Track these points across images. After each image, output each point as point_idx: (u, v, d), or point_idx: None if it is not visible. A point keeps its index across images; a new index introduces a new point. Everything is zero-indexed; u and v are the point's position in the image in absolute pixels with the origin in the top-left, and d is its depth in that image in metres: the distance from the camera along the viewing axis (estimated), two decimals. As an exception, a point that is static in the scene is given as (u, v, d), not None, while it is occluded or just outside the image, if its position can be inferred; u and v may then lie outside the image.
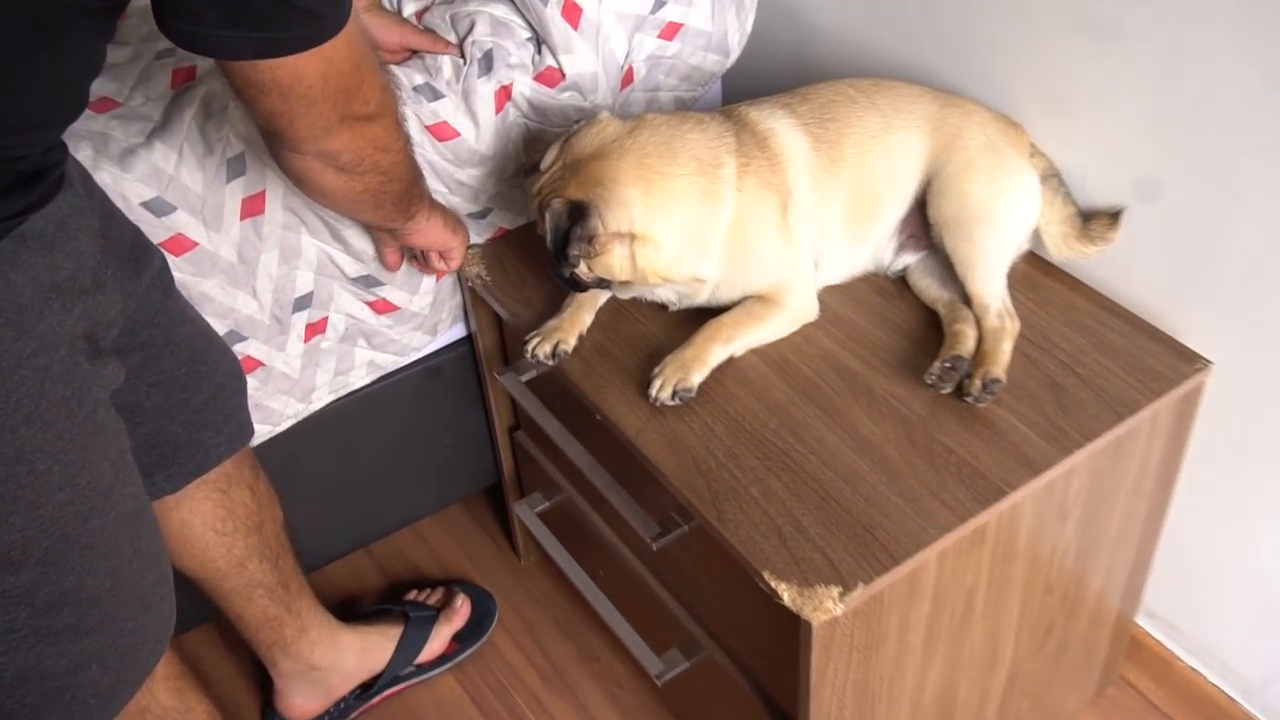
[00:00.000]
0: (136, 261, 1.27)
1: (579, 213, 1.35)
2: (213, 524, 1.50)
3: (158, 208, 1.41)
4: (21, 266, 1.00)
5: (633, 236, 1.36)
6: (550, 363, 1.46)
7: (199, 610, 1.62)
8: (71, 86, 1.05)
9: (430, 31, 1.61)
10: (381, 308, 1.64)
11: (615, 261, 1.37)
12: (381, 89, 1.17)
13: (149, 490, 1.35)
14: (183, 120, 1.45)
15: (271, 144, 1.18)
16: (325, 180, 1.21)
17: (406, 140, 1.31)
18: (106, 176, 1.35)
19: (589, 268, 1.38)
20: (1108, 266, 1.51)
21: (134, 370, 1.26)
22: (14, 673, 1.09)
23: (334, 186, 1.24)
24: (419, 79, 1.56)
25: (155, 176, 1.42)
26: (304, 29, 1.01)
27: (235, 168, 1.45)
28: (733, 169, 1.41)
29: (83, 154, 1.35)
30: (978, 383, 1.36)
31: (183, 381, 1.36)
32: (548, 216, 1.37)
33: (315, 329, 1.60)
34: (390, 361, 1.73)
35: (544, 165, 1.43)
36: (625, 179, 1.37)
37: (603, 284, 1.43)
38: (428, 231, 1.47)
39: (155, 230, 1.40)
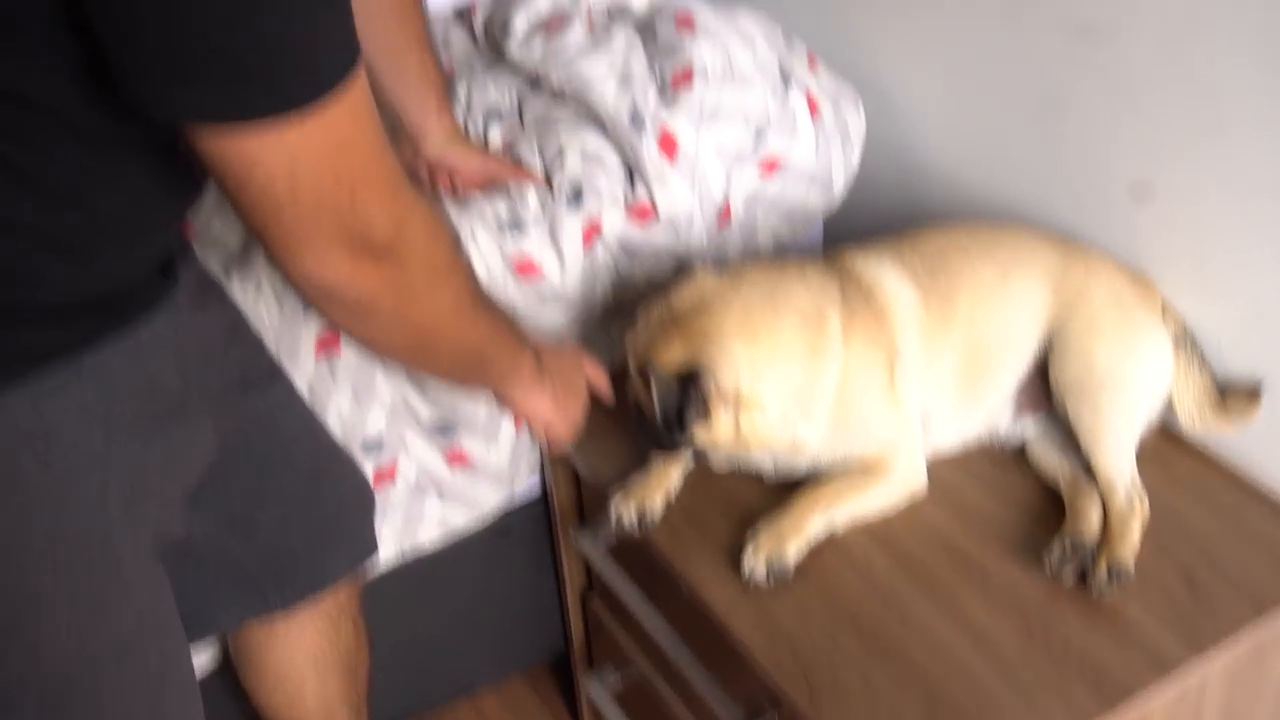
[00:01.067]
0: (248, 386, 1.29)
1: (691, 379, 1.34)
2: (314, 656, 1.50)
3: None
4: (64, 395, 1.00)
5: (737, 399, 1.33)
6: (634, 529, 1.43)
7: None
8: (136, 211, 1.04)
9: (515, 162, 1.65)
10: (455, 457, 1.62)
11: (719, 428, 1.36)
12: (397, 220, 1.04)
13: (260, 607, 1.41)
14: (259, 256, 1.48)
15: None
16: (332, 315, 1.11)
17: (465, 296, 1.20)
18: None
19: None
20: (1248, 442, 1.47)
21: (246, 487, 1.29)
22: None
23: (343, 326, 1.16)
24: (502, 208, 1.58)
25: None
26: (236, 89, 0.90)
27: (310, 309, 1.44)
28: (837, 323, 1.39)
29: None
30: (1103, 570, 1.31)
31: (303, 497, 1.38)
32: (654, 384, 1.35)
33: (384, 475, 1.59)
34: (461, 520, 1.71)
35: (639, 319, 1.43)
36: (731, 332, 1.36)
37: (697, 452, 1.42)
38: (523, 403, 1.40)
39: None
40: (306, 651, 1.49)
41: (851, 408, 1.40)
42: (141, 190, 1.04)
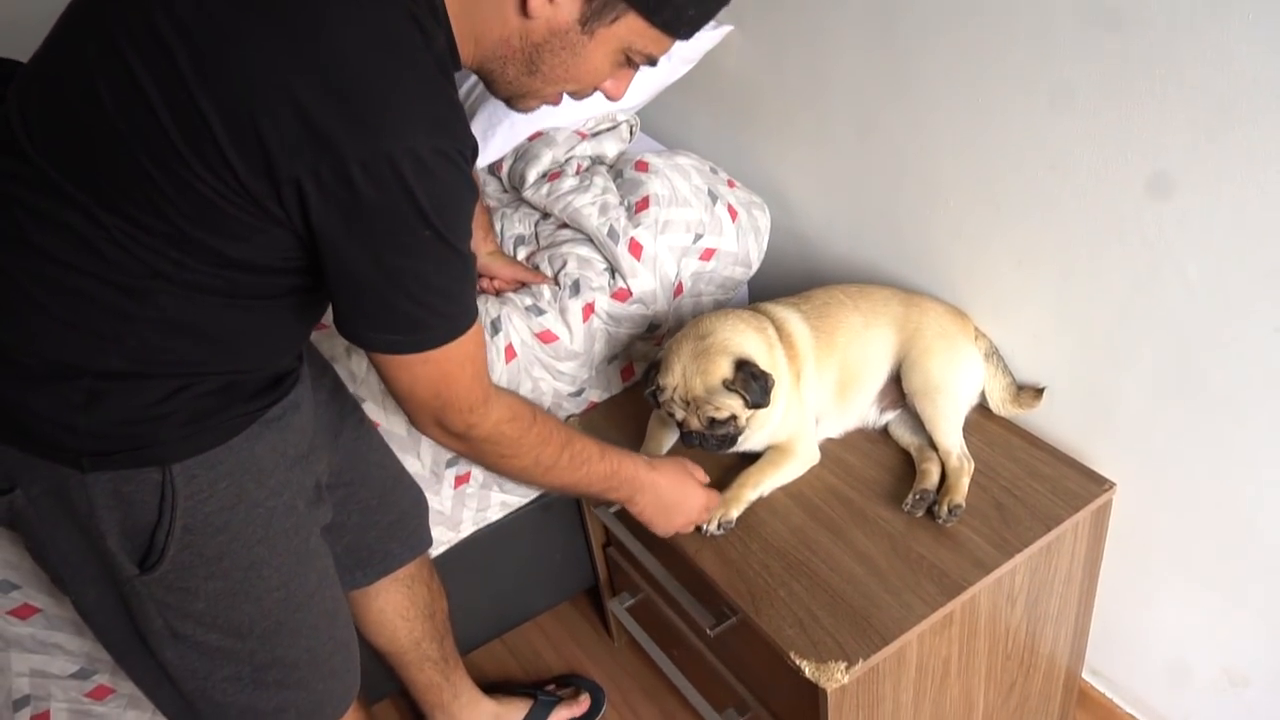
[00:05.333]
0: (339, 425, 1.31)
1: (743, 365, 1.35)
2: (400, 610, 1.51)
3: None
4: (263, 442, 1.06)
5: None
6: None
7: (386, 684, 1.64)
8: (305, 330, 1.12)
9: (535, 268, 1.67)
10: None
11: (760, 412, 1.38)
12: (468, 424, 1.06)
13: (350, 583, 1.39)
14: None
15: None
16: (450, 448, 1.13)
17: (544, 459, 1.16)
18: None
19: (747, 421, 1.38)
20: (1036, 414, 1.54)
21: (340, 501, 1.30)
22: (238, 708, 1.14)
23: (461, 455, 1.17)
24: (528, 301, 1.62)
25: (351, 378, 1.51)
26: (405, 335, 0.97)
27: None
28: (779, 348, 1.44)
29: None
30: (944, 508, 1.38)
31: (375, 506, 1.39)
32: (739, 380, 1.35)
33: (462, 480, 1.65)
34: (516, 501, 1.76)
35: (666, 380, 1.41)
36: (743, 341, 1.39)
37: (727, 440, 1.41)
38: (629, 508, 1.35)
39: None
40: (394, 607, 1.50)
41: (779, 405, 1.43)
42: (311, 321, 1.11)
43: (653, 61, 1.02)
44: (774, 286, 1.85)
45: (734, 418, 1.39)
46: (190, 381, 0.99)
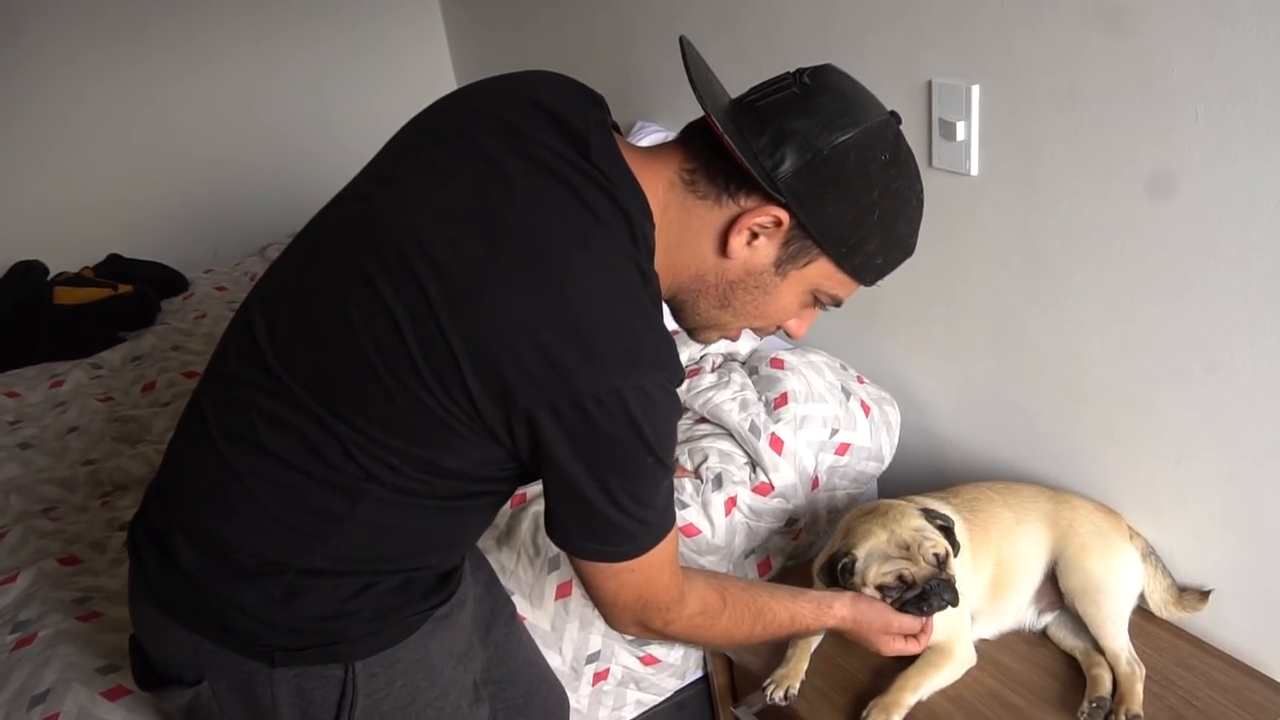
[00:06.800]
0: (491, 621, 1.30)
1: (928, 512, 1.38)
2: None
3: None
4: (436, 640, 1.07)
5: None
6: (785, 703, 1.43)
7: None
8: (483, 530, 1.14)
9: (678, 465, 1.67)
10: (648, 660, 1.66)
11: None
12: (666, 621, 1.06)
13: None
14: (519, 531, 1.56)
15: None
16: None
17: (736, 631, 1.15)
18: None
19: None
20: (1202, 617, 1.48)
21: (488, 697, 1.26)
22: None
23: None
24: None
25: (501, 571, 1.51)
26: (606, 544, 0.99)
27: (553, 564, 1.54)
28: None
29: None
30: (1122, 717, 1.31)
31: (521, 706, 1.37)
32: (932, 520, 1.37)
33: (600, 676, 1.63)
34: (651, 700, 1.72)
35: (862, 546, 1.36)
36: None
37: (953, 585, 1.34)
38: (851, 635, 1.33)
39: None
40: None
41: None
42: (490, 521, 1.13)
43: (838, 303, 1.06)
44: (903, 484, 1.84)
45: (948, 558, 1.35)
46: (376, 579, 1.01)
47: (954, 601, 1.33)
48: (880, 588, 1.34)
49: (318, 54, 3.19)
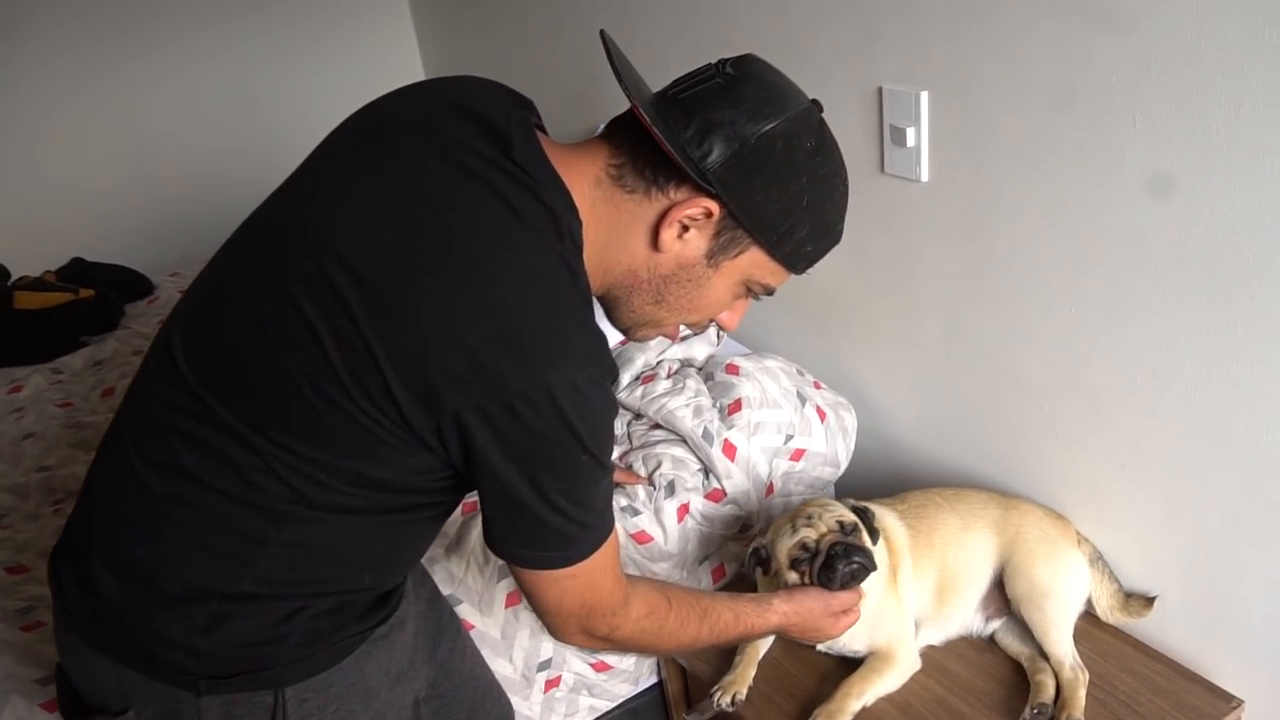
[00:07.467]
0: (438, 638, 1.28)
1: (860, 513, 1.38)
2: None
3: (452, 600, 1.49)
4: (372, 662, 1.05)
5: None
6: (731, 709, 1.43)
7: None
8: (424, 548, 1.13)
9: (629, 469, 1.67)
10: (600, 667, 1.65)
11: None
12: (612, 626, 1.05)
13: None
14: (469, 539, 1.54)
15: None
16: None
17: (683, 635, 1.14)
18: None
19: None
20: (1147, 623, 1.47)
21: (431, 714, 1.26)
22: None
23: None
24: (623, 502, 1.61)
25: (450, 579, 1.51)
26: (546, 551, 0.97)
27: (503, 572, 1.53)
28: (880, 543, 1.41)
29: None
30: None
31: (466, 718, 1.35)
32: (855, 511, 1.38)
33: (552, 684, 1.62)
34: (604, 705, 1.71)
35: (775, 533, 1.40)
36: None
37: (859, 555, 1.32)
38: (784, 633, 1.33)
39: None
40: None
41: (877, 602, 1.40)
42: (431, 539, 1.12)
43: (770, 292, 1.05)
44: (860, 488, 1.83)
45: (858, 528, 1.36)
46: (307, 603, 0.99)
47: (868, 564, 1.32)
48: (793, 564, 1.34)
49: (287, 58, 3.17)
